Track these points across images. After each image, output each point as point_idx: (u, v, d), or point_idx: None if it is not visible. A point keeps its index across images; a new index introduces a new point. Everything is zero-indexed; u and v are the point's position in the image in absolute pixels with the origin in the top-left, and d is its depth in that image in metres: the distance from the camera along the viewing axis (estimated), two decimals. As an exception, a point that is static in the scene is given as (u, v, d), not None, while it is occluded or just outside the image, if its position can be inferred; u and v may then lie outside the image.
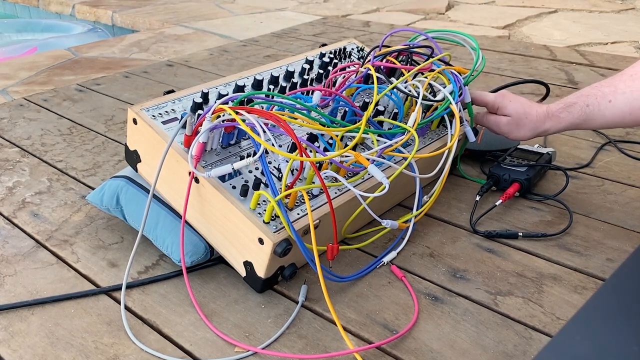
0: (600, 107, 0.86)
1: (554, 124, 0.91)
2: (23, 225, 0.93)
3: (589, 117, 0.88)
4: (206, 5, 2.88)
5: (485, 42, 2.01)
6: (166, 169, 0.79)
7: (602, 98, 0.86)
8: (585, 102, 0.88)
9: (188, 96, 0.88)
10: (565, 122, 0.90)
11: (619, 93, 0.85)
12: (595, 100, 0.87)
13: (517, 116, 0.94)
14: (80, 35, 2.79)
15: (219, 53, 1.97)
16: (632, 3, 2.85)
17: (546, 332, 0.71)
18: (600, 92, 0.87)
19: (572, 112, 0.89)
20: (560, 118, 0.90)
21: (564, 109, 0.90)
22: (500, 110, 0.96)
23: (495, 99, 0.97)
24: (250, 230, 0.72)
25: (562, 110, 0.90)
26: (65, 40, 2.60)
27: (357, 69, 0.98)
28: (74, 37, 2.70)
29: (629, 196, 1.02)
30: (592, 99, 0.87)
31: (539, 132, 0.93)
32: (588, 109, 0.87)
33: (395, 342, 0.70)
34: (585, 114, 0.88)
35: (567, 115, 0.90)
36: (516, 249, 0.87)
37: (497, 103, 0.96)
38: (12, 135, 1.27)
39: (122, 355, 0.68)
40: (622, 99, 0.84)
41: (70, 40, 2.57)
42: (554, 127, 0.92)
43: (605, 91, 0.86)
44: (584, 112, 0.88)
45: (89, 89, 1.59)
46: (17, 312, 0.75)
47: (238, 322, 0.73)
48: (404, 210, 0.97)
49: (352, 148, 0.81)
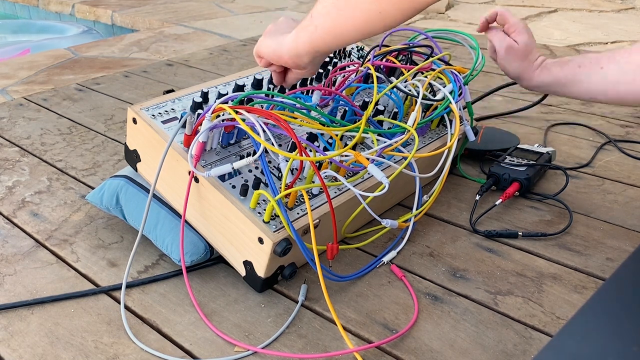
0: (591, 71, 0.83)
1: (542, 75, 0.88)
2: (23, 225, 0.93)
3: (576, 78, 0.85)
4: (206, 5, 2.88)
5: (485, 41, 2.01)
6: (166, 168, 0.79)
7: (596, 62, 0.83)
8: (579, 62, 0.85)
9: (188, 95, 0.88)
10: (552, 75, 0.87)
11: (612, 62, 0.82)
12: (589, 62, 0.84)
13: (524, 49, 0.90)
14: (74, 36, 2.78)
15: (219, 52, 1.97)
16: (632, 3, 2.85)
17: (546, 332, 0.71)
18: (596, 57, 0.84)
19: (564, 67, 0.86)
20: (550, 71, 0.88)
21: (557, 63, 0.88)
22: (514, 35, 0.93)
23: (518, 22, 0.93)
24: (250, 230, 0.72)
25: (556, 64, 0.88)
26: (59, 42, 2.59)
27: (357, 68, 0.98)
28: (68, 39, 2.69)
29: (628, 196, 1.02)
30: (587, 60, 0.85)
31: (525, 76, 0.90)
32: (579, 69, 0.84)
33: (395, 341, 0.70)
34: (574, 74, 0.85)
35: (558, 71, 0.87)
36: (516, 248, 0.87)
37: (517, 26, 0.93)
38: (11, 135, 1.27)
39: (122, 355, 0.68)
40: (613, 68, 0.81)
41: (64, 42, 2.55)
42: (540, 79, 0.89)
43: (601, 57, 0.84)
44: (574, 72, 0.85)
45: (89, 89, 1.59)
46: (16, 311, 0.75)
47: (238, 321, 0.73)
48: (404, 209, 0.97)
49: (352, 147, 0.81)
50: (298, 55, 0.75)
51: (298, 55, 0.75)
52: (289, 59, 0.76)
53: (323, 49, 0.73)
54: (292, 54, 0.75)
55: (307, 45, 0.73)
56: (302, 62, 0.76)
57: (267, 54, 0.79)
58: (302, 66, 0.77)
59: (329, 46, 0.73)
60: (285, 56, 0.76)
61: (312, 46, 0.73)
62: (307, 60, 0.76)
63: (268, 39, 0.79)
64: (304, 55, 0.74)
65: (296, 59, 0.75)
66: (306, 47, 0.73)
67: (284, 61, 0.77)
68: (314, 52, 0.74)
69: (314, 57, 0.75)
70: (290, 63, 0.77)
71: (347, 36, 0.70)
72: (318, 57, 0.76)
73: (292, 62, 0.76)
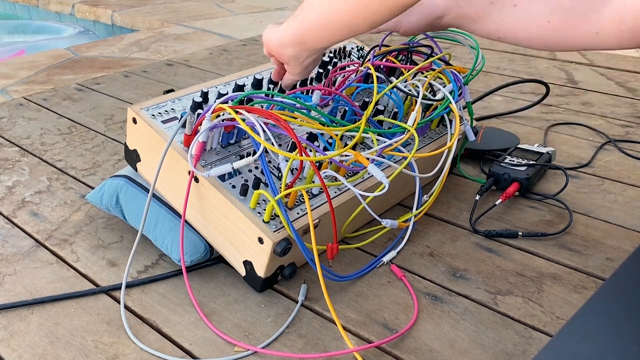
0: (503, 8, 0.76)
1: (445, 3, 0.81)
2: (23, 225, 0.93)
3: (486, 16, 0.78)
4: (206, 5, 2.87)
5: (485, 41, 2.01)
6: (166, 168, 0.79)
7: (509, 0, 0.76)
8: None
9: (188, 95, 0.88)
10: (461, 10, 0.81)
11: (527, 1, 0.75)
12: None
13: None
14: (70, 37, 2.78)
15: (219, 52, 1.97)
16: (632, 2, 2.84)
17: (546, 332, 0.71)
18: None
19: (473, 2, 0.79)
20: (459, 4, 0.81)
21: None
22: None
23: None
24: (250, 230, 0.72)
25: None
26: (55, 42, 2.58)
27: (357, 68, 0.98)
28: (65, 40, 2.68)
29: (628, 195, 1.02)
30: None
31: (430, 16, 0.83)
32: (492, 6, 0.77)
33: (395, 341, 0.70)
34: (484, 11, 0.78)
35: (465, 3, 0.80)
36: (516, 248, 0.87)
37: None
38: (11, 135, 1.27)
39: (122, 355, 0.68)
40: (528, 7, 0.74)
41: (60, 42, 2.54)
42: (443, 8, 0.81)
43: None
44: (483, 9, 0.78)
45: (89, 89, 1.59)
46: (16, 311, 0.75)
47: (238, 321, 0.73)
48: (404, 209, 0.97)
49: (352, 147, 0.81)
50: (283, 45, 0.73)
51: (283, 45, 0.73)
52: (276, 48, 0.75)
53: (309, 43, 0.72)
54: (278, 43, 0.74)
55: (293, 35, 0.72)
56: (286, 53, 0.74)
57: (264, 40, 0.78)
58: (285, 59, 0.76)
59: (315, 40, 0.71)
60: (273, 44, 0.75)
61: (297, 37, 0.72)
62: (292, 52, 0.74)
63: (273, 26, 0.78)
64: (288, 46, 0.73)
65: (281, 48, 0.74)
66: (292, 37, 0.72)
67: (273, 50, 0.76)
68: (299, 43, 0.72)
69: (298, 51, 0.74)
70: (275, 53, 0.76)
71: (333, 30, 0.69)
72: (304, 53, 0.75)
73: (277, 53, 0.76)
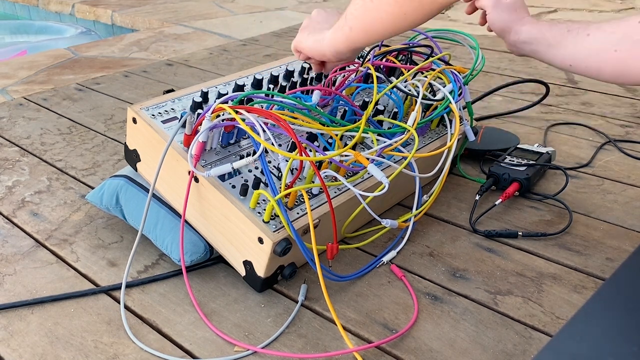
0: (577, 37, 0.80)
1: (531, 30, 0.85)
2: (23, 225, 0.93)
3: (563, 42, 0.81)
4: (206, 5, 2.87)
5: (485, 41, 2.01)
6: (166, 168, 0.79)
7: (584, 29, 0.80)
8: (569, 26, 0.82)
9: (188, 95, 0.88)
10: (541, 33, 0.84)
11: (599, 30, 0.79)
12: (577, 28, 0.81)
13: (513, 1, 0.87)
14: (72, 38, 2.77)
15: (219, 52, 1.97)
16: (632, 2, 2.85)
17: (546, 332, 0.71)
18: (585, 24, 0.81)
19: (553, 28, 0.83)
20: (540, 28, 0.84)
21: (547, 23, 0.84)
22: None
23: None
24: (250, 230, 0.72)
25: (545, 22, 0.85)
26: (56, 43, 2.57)
27: (357, 68, 0.98)
28: (66, 40, 2.68)
29: (628, 195, 1.02)
30: (576, 25, 0.81)
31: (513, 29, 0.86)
32: (567, 33, 0.81)
33: (394, 341, 0.70)
34: (562, 37, 0.81)
35: (547, 29, 0.83)
36: (516, 248, 0.87)
37: None
38: (11, 135, 1.27)
39: (122, 355, 0.68)
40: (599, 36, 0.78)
41: (61, 43, 2.53)
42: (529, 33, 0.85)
43: (590, 25, 0.80)
44: (562, 35, 0.82)
45: (89, 89, 1.59)
46: (16, 311, 0.75)
47: (238, 321, 0.73)
48: (404, 209, 0.97)
49: (352, 147, 0.81)
50: (339, 52, 0.86)
51: (339, 52, 0.86)
52: (332, 55, 0.87)
53: (360, 45, 0.84)
54: (333, 51, 0.86)
55: (345, 44, 0.84)
56: (344, 56, 0.87)
57: (307, 50, 0.89)
58: (344, 59, 0.89)
59: (365, 42, 0.83)
60: (327, 54, 0.87)
61: (349, 44, 0.83)
62: (349, 54, 0.87)
63: (306, 36, 0.89)
64: (344, 52, 0.86)
65: (338, 55, 0.87)
66: (345, 45, 0.84)
67: (327, 58, 0.89)
68: (353, 48, 0.85)
69: (353, 51, 0.86)
70: (332, 59, 0.88)
71: (379, 34, 0.80)
72: (358, 50, 0.88)
73: (335, 58, 0.88)
